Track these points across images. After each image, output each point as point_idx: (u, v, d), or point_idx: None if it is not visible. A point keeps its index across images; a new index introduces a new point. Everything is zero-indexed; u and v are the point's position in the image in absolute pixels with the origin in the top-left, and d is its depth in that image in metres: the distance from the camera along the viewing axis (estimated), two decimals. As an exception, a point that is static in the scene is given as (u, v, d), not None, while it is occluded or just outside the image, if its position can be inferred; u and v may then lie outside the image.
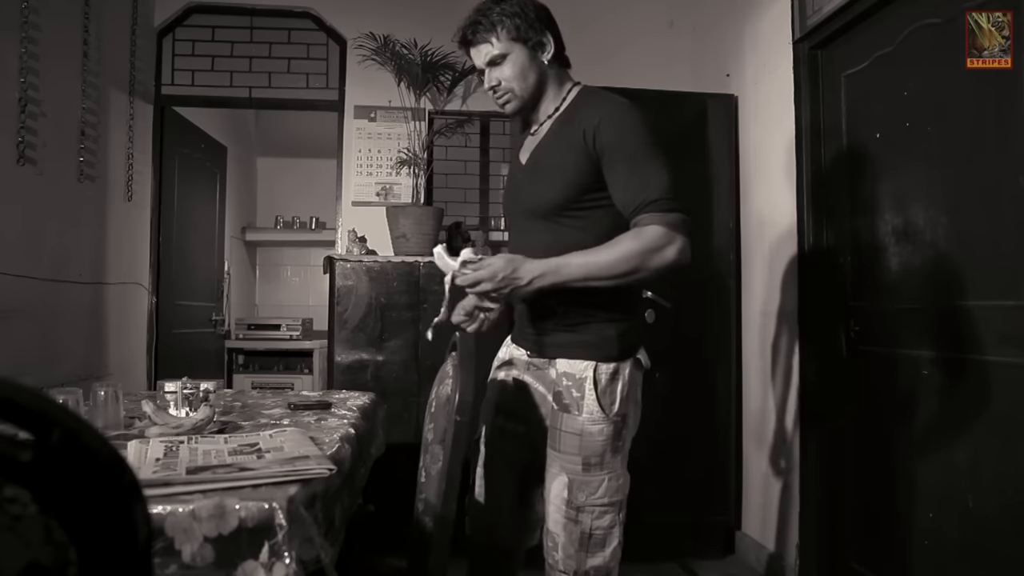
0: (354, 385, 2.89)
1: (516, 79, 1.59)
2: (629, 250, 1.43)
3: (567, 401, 1.55)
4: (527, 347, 1.69)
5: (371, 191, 3.69)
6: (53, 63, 2.73)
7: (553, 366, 1.60)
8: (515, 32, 1.55)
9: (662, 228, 1.43)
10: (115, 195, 3.29)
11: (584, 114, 1.54)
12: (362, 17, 3.53)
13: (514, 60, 1.57)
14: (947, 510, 1.98)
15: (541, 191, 1.59)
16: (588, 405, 1.53)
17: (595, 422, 1.53)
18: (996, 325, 1.83)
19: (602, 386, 1.53)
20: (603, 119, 1.50)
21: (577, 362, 1.55)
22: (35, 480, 0.56)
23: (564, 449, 1.55)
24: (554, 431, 1.58)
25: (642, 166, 1.48)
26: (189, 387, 1.71)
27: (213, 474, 1.14)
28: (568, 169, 1.54)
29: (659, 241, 1.43)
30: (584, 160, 1.52)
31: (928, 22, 2.06)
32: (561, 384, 1.57)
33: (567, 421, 1.55)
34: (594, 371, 1.53)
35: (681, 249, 1.44)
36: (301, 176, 5.76)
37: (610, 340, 1.56)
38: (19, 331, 2.55)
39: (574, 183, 1.53)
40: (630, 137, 1.50)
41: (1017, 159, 1.75)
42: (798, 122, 2.67)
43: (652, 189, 1.45)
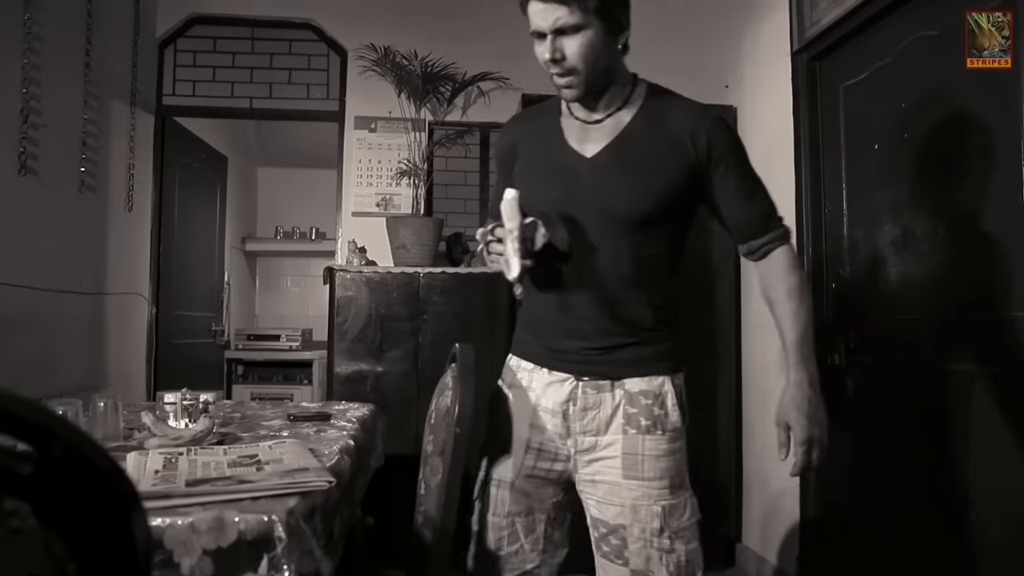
0: (353, 396, 2.89)
1: (584, 59, 1.30)
2: (800, 282, 1.41)
3: (648, 421, 1.36)
4: (574, 369, 1.40)
5: (371, 202, 3.70)
6: (55, 74, 2.75)
7: (619, 387, 1.38)
8: (599, 3, 1.27)
9: (791, 250, 1.43)
10: (116, 205, 3.30)
11: (686, 118, 1.38)
12: (363, 28, 3.55)
13: (588, 36, 1.28)
14: (948, 522, 1.97)
15: (633, 191, 1.36)
16: (672, 421, 1.38)
17: (676, 438, 1.39)
18: (994, 337, 1.83)
19: (680, 399, 1.40)
20: (715, 126, 1.37)
21: (654, 378, 1.39)
22: (35, 493, 0.56)
23: (649, 475, 1.35)
24: (633, 459, 1.36)
25: (756, 182, 1.41)
26: (188, 398, 1.71)
27: (212, 487, 1.14)
28: (669, 172, 1.35)
29: (797, 261, 1.44)
30: (685, 165, 1.36)
31: (926, 34, 2.07)
32: (637, 404, 1.37)
33: (651, 443, 1.36)
34: (672, 384, 1.40)
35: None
36: (301, 186, 5.77)
37: (676, 351, 1.44)
38: (19, 341, 2.55)
39: (672, 185, 1.36)
40: (742, 150, 1.41)
41: (1015, 171, 1.75)
42: (797, 133, 2.68)
43: (772, 208, 1.42)
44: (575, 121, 1.42)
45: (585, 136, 1.41)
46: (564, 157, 1.41)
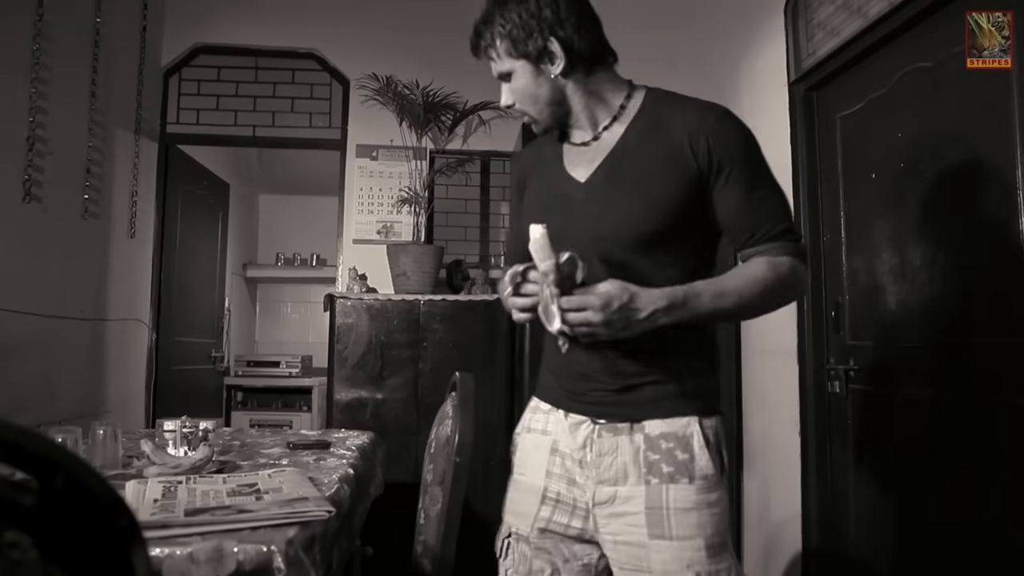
0: (353, 423, 2.88)
1: (523, 99, 1.29)
2: (770, 284, 1.18)
3: (671, 468, 1.18)
4: (590, 411, 1.26)
5: (372, 229, 3.72)
6: (62, 102, 2.78)
7: (639, 431, 1.21)
8: (513, 48, 1.24)
9: (798, 264, 1.21)
10: (118, 232, 3.31)
11: (685, 121, 1.22)
12: (365, 58, 3.60)
13: (518, 79, 1.27)
14: (952, 551, 1.95)
15: (628, 211, 1.22)
16: (702, 467, 1.19)
17: (711, 488, 1.19)
18: (995, 364, 1.83)
19: (712, 443, 1.22)
20: (718, 125, 1.21)
21: (676, 420, 1.21)
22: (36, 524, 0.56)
23: (678, 533, 1.16)
24: (658, 514, 1.17)
25: (765, 185, 1.23)
26: (188, 426, 1.70)
27: (212, 516, 1.13)
28: (668, 183, 1.20)
29: (794, 278, 1.21)
30: (688, 175, 1.20)
31: (920, 65, 2.10)
32: (659, 449, 1.19)
33: (676, 494, 1.17)
34: (700, 426, 1.21)
35: (807, 281, 1.25)
36: (302, 213, 5.80)
37: (709, 390, 1.26)
38: (19, 367, 2.55)
39: (673, 200, 1.20)
40: (752, 150, 1.23)
41: (1012, 199, 1.77)
42: (794, 162, 2.70)
43: (781, 215, 1.22)
44: (572, 145, 1.33)
45: (580, 159, 1.31)
46: (561, 184, 1.32)
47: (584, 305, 1.07)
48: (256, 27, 3.76)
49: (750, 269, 1.19)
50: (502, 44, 1.25)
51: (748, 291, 1.17)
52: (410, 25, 3.75)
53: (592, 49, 1.26)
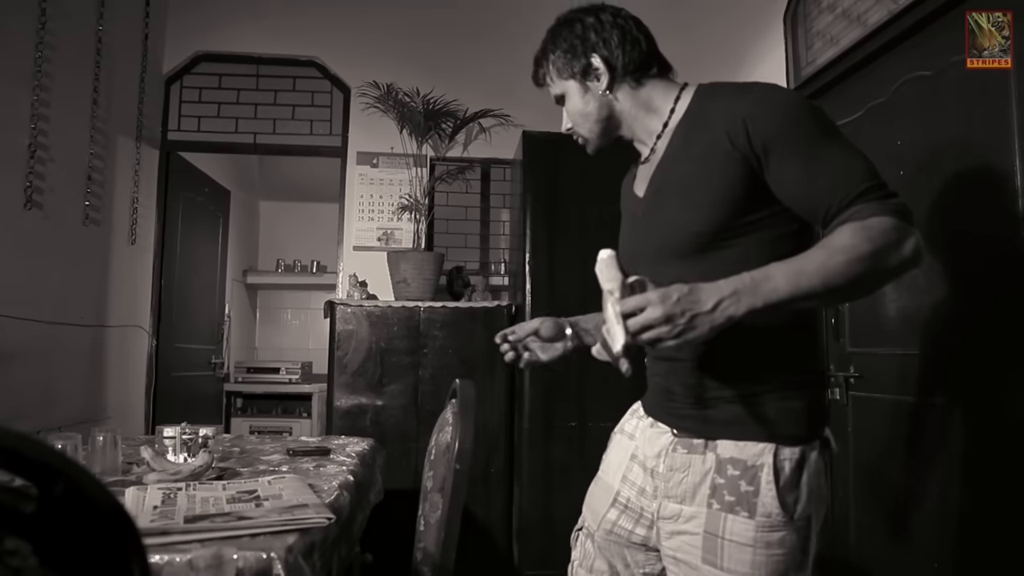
0: (353, 430, 2.88)
1: (578, 117, 1.32)
2: (857, 249, 0.99)
3: (732, 498, 1.11)
4: (670, 422, 1.23)
5: (372, 236, 3.73)
6: (63, 110, 2.79)
7: (712, 450, 1.15)
8: (560, 71, 1.30)
9: (891, 218, 1.01)
10: (119, 238, 3.32)
11: (721, 111, 1.15)
12: (366, 66, 3.61)
13: (572, 100, 1.31)
14: (953, 560, 1.95)
15: (677, 219, 1.18)
16: (765, 504, 1.09)
17: (774, 528, 1.09)
18: (996, 371, 1.83)
19: (785, 477, 1.10)
20: (754, 106, 1.11)
21: (749, 444, 1.12)
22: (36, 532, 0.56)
23: (729, 566, 1.10)
24: (713, 540, 1.12)
25: (832, 151, 1.08)
26: (188, 433, 1.70)
27: (211, 523, 1.13)
28: (713, 183, 1.13)
29: (893, 234, 1.00)
30: (735, 168, 1.11)
31: (919, 74, 2.11)
32: (725, 474, 1.12)
33: (734, 526, 1.10)
34: (774, 457, 1.11)
35: (919, 243, 1.03)
36: (303, 220, 5.81)
37: (796, 414, 1.14)
38: (19, 373, 2.55)
39: (725, 200, 1.12)
40: (803, 118, 1.10)
41: (1011, 205, 1.77)
42: (794, 170, 2.71)
43: (856, 177, 1.06)
44: (641, 164, 1.33)
45: (642, 175, 1.31)
46: (630, 204, 1.33)
47: (644, 303, 0.98)
48: (257, 35, 3.78)
49: (833, 239, 1.02)
50: (553, 69, 1.31)
51: (834, 264, 0.99)
52: (411, 33, 3.77)
53: (637, 62, 1.27)
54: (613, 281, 1.05)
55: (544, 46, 1.33)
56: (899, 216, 1.02)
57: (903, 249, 1.01)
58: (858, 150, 1.10)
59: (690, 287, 0.98)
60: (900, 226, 1.01)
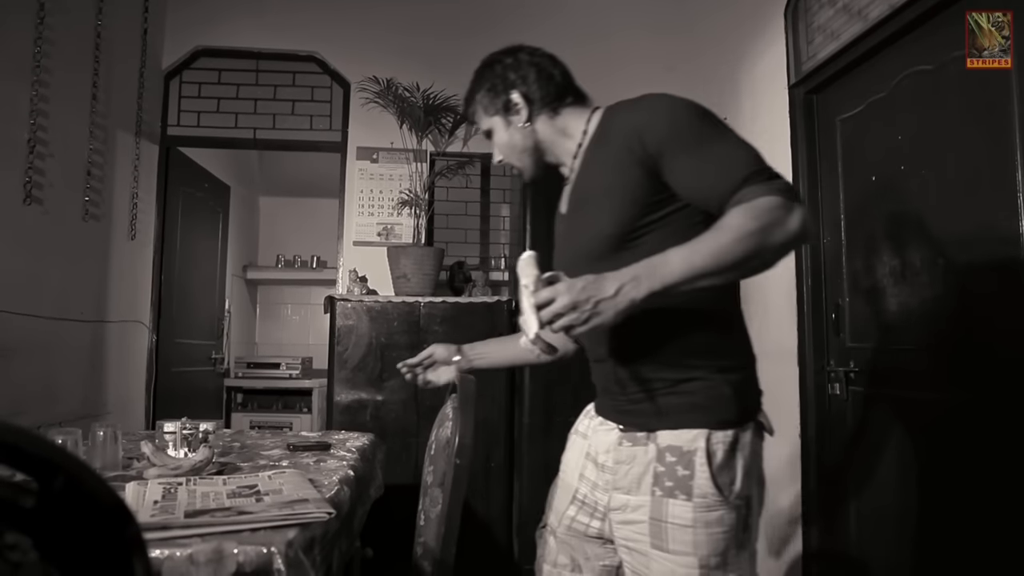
0: (353, 425, 2.88)
1: (506, 149, 1.43)
2: (743, 227, 1.06)
3: (671, 483, 1.19)
4: (615, 419, 1.31)
5: (372, 231, 3.72)
6: (62, 105, 2.79)
7: (653, 441, 1.22)
8: (486, 108, 1.43)
9: (775, 197, 1.08)
10: (119, 234, 3.32)
11: (620, 125, 1.27)
12: (366, 61, 3.61)
13: (497, 133, 1.43)
14: (953, 552, 1.95)
15: (591, 226, 1.28)
16: (700, 485, 1.17)
17: (711, 507, 1.17)
18: (996, 366, 1.83)
19: (719, 461, 1.18)
20: (646, 114, 1.23)
21: (685, 432, 1.20)
22: (36, 526, 0.56)
23: (674, 548, 1.18)
24: (658, 525, 1.20)
25: (718, 145, 1.17)
26: (188, 428, 1.70)
27: (211, 518, 1.13)
28: (618, 190, 1.24)
29: (776, 211, 1.07)
30: (635, 173, 1.21)
31: (920, 68, 2.11)
32: (664, 462, 1.20)
33: (675, 509, 1.18)
34: (707, 441, 1.18)
35: (804, 216, 1.09)
36: (303, 215, 5.81)
37: (726, 399, 1.21)
38: (20, 369, 2.55)
39: (631, 202, 1.22)
40: (690, 119, 1.20)
41: (1011, 201, 1.77)
42: (794, 165, 2.71)
43: (741, 165, 1.14)
44: (565, 185, 1.44)
45: (566, 194, 1.43)
46: (558, 222, 1.46)
47: (553, 294, 1.06)
48: (256, 30, 3.77)
49: (723, 220, 1.09)
50: (480, 107, 1.44)
51: (723, 242, 1.06)
52: (411, 28, 3.75)
53: (552, 94, 1.38)
54: (529, 277, 1.14)
55: (471, 87, 1.46)
56: (783, 195, 1.09)
57: (788, 224, 1.07)
58: (742, 140, 1.20)
59: (595, 276, 1.07)
60: (784, 203, 1.08)
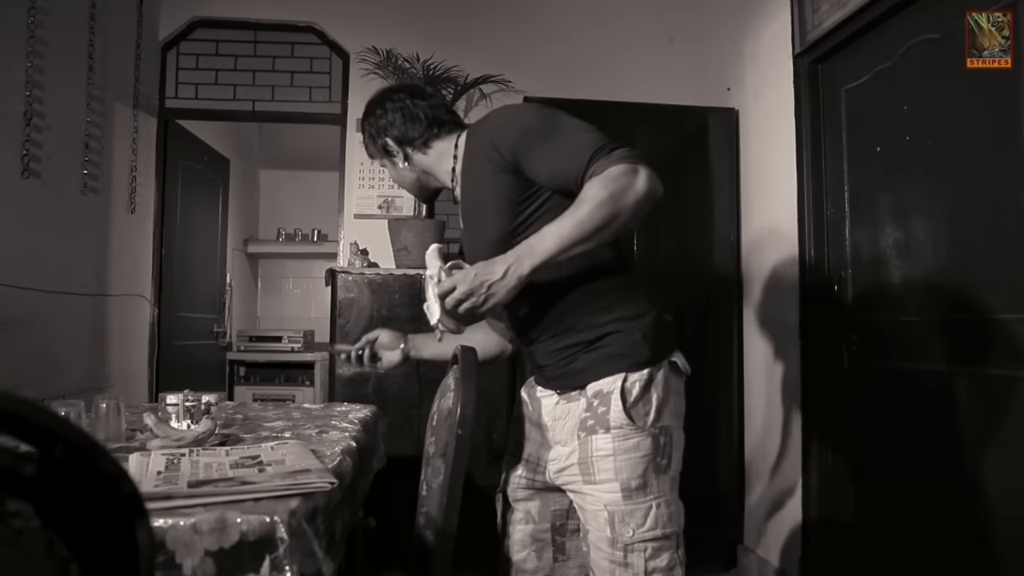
0: (356, 397, 2.89)
1: (398, 183, 1.65)
2: (597, 197, 1.20)
3: (593, 421, 1.34)
4: (551, 386, 1.47)
5: (373, 204, 3.70)
6: (58, 76, 2.75)
7: (583, 395, 1.38)
8: (372, 152, 1.62)
9: (618, 165, 1.21)
10: (118, 207, 3.30)
11: (478, 140, 1.41)
12: (365, 31, 3.55)
13: (388, 170, 1.64)
14: (951, 524, 1.97)
15: (481, 234, 1.43)
16: (615, 418, 1.31)
17: (627, 436, 1.31)
18: (999, 338, 1.83)
19: (634, 395, 1.32)
20: (495, 125, 1.39)
21: (607, 379, 1.34)
22: (38, 494, 0.56)
23: (600, 477, 1.33)
24: (586, 463, 1.34)
25: (562, 135, 1.30)
26: (191, 399, 1.71)
27: (215, 488, 1.14)
28: (492, 199, 1.38)
29: (622, 177, 1.20)
30: (502, 179, 1.36)
31: (927, 37, 2.07)
32: (591, 408, 1.35)
33: (596, 443, 1.33)
34: (623, 382, 1.32)
35: (649, 176, 1.22)
36: (303, 188, 5.77)
37: (637, 344, 1.34)
38: (21, 343, 2.56)
39: (507, 204, 1.36)
40: (533, 119, 1.34)
41: (1018, 172, 1.75)
42: (799, 135, 2.68)
43: (585, 146, 1.26)
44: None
45: (458, 209, 1.58)
46: (462, 236, 1.61)
47: (452, 284, 1.25)
48: (254, 0, 3.71)
49: (581, 195, 1.24)
50: (370, 149, 1.63)
51: (583, 213, 1.20)
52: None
53: (420, 131, 1.53)
54: (434, 268, 1.30)
55: (362, 132, 1.66)
56: (625, 161, 1.22)
57: (636, 185, 1.20)
58: (584, 124, 1.31)
59: (485, 263, 1.24)
60: (627, 168, 1.21)
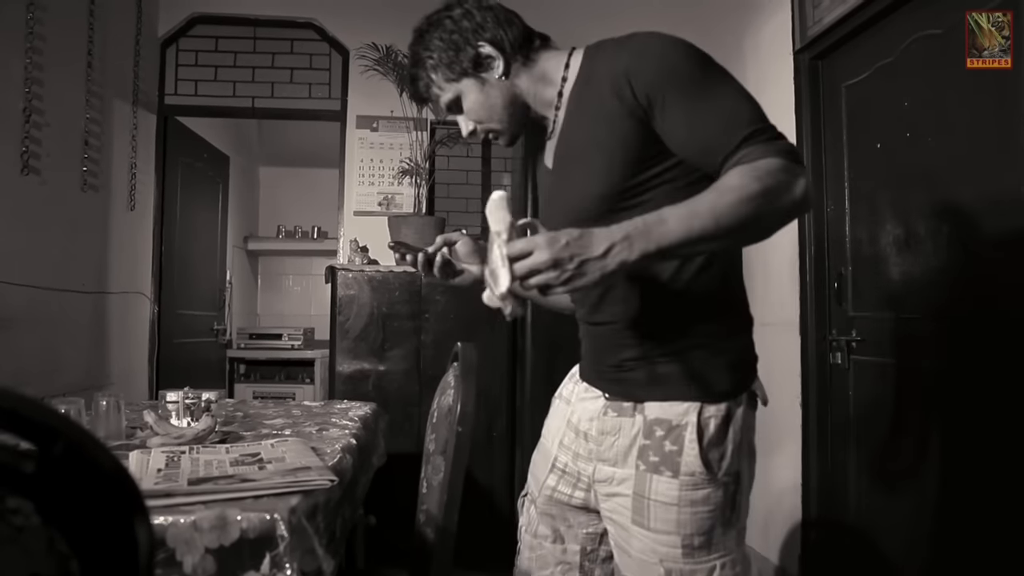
0: (356, 395, 2.89)
1: (483, 114, 1.25)
2: (746, 189, 0.95)
3: (657, 458, 1.12)
4: (601, 386, 1.23)
5: (373, 201, 3.70)
6: (57, 73, 2.75)
7: (640, 412, 1.15)
8: (450, 72, 1.22)
9: (780, 159, 0.98)
10: (118, 204, 3.30)
11: (606, 68, 1.12)
12: (364, 28, 3.55)
13: (468, 97, 1.24)
14: (951, 520, 1.97)
15: (580, 184, 1.17)
16: (688, 463, 1.10)
17: (698, 486, 1.10)
18: (999, 336, 1.83)
19: (709, 436, 1.11)
20: (633, 59, 1.09)
21: (675, 404, 1.12)
22: (38, 491, 0.56)
23: (655, 526, 1.11)
24: (640, 501, 1.13)
25: (717, 96, 1.05)
26: (191, 397, 1.71)
27: (215, 485, 1.14)
28: (607, 145, 1.12)
29: (782, 175, 0.97)
30: (625, 125, 1.09)
31: (928, 32, 2.07)
32: (652, 436, 1.13)
33: (659, 486, 1.11)
34: (698, 415, 1.11)
35: (808, 185, 1.00)
36: (303, 185, 5.77)
37: (721, 371, 1.14)
38: (21, 340, 2.56)
39: (623, 158, 1.10)
40: (686, 63, 1.06)
41: (1018, 170, 1.75)
42: (799, 132, 2.67)
43: (743, 120, 1.03)
44: (547, 139, 1.30)
45: (550, 147, 1.28)
46: (542, 178, 1.32)
47: (531, 246, 0.92)
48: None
49: (723, 180, 0.99)
50: (439, 74, 1.24)
51: (724, 203, 0.95)
52: (410, -7, 3.69)
53: (521, 38, 1.23)
54: (502, 223, 0.99)
55: (416, 59, 1.26)
56: (788, 157, 1.00)
57: (793, 190, 0.98)
58: (744, 91, 1.07)
59: (581, 231, 0.93)
60: (789, 167, 0.98)
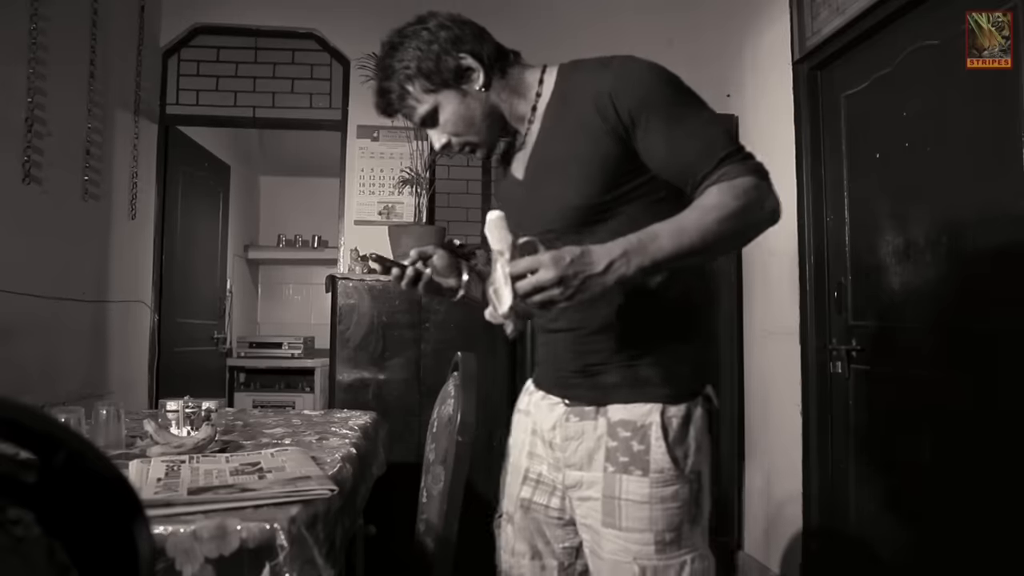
0: (356, 404, 2.89)
1: (460, 126, 1.24)
2: (727, 207, 1.04)
3: (626, 458, 1.15)
4: (562, 393, 1.25)
5: (373, 210, 3.71)
6: (60, 83, 2.76)
7: (602, 415, 1.18)
8: (429, 83, 1.21)
9: (752, 177, 1.07)
10: (119, 213, 3.30)
11: (586, 87, 1.16)
12: (365, 38, 3.53)
13: (446, 109, 1.23)
14: (950, 529, 1.96)
15: (557, 196, 1.19)
16: (656, 460, 1.13)
17: (667, 482, 1.14)
18: (998, 345, 1.83)
19: (673, 433, 1.14)
20: (619, 77, 1.13)
21: (637, 406, 1.16)
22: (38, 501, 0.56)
23: (628, 525, 1.14)
24: (611, 502, 1.15)
25: (693, 119, 1.12)
26: (191, 406, 1.71)
27: (215, 495, 1.14)
28: (586, 158, 1.15)
29: (754, 192, 1.06)
30: (606, 141, 1.13)
31: (926, 43, 2.08)
32: (617, 437, 1.16)
33: (629, 485, 1.14)
34: (661, 415, 1.15)
35: (777, 200, 1.10)
36: (304, 195, 5.78)
37: (682, 374, 1.18)
38: (21, 349, 2.56)
39: (599, 173, 1.14)
40: (665, 88, 1.13)
41: (1017, 177, 1.76)
42: (798, 142, 2.68)
43: (719, 143, 1.10)
44: (516, 152, 1.31)
45: (519, 159, 1.30)
46: (510, 189, 1.33)
47: (536, 264, 0.97)
48: (255, 7, 3.72)
49: (705, 199, 1.07)
50: (416, 85, 1.21)
51: (708, 221, 1.03)
52: (410, 5, 3.67)
53: (496, 52, 1.24)
54: (503, 242, 1.03)
55: (388, 70, 1.23)
56: (759, 176, 1.08)
57: (766, 205, 1.08)
58: (715, 114, 1.15)
59: (582, 249, 0.99)
60: (760, 184, 1.08)
